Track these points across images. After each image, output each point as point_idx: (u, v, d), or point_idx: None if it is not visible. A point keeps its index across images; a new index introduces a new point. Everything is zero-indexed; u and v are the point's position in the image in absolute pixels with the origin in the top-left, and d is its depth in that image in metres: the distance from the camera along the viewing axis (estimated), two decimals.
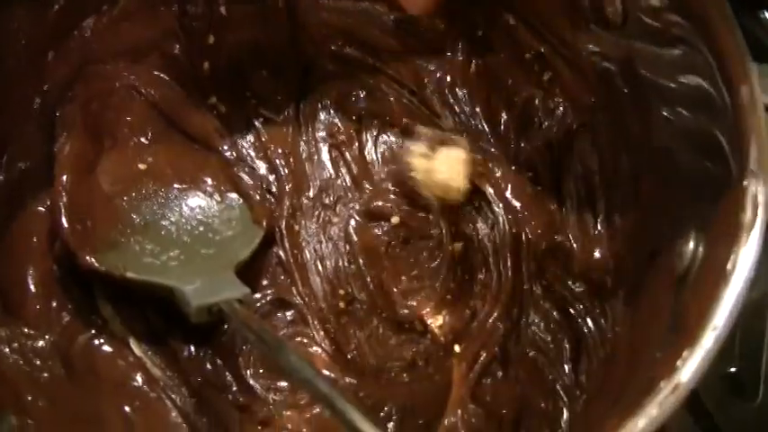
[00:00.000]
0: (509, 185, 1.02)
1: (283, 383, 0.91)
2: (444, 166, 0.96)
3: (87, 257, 0.85)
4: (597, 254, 0.93)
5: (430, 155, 0.96)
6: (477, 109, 1.05)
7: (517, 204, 1.01)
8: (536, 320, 0.94)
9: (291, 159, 1.03)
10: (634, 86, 0.86)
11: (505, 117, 1.04)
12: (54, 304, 0.88)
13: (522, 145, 1.02)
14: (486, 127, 1.04)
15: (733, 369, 0.92)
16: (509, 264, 0.99)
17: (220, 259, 0.91)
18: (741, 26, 0.71)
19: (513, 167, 1.02)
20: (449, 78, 1.06)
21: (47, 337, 0.86)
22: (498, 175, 1.03)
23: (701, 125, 0.74)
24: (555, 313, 0.93)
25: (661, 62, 0.80)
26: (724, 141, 0.70)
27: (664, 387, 0.60)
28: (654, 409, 0.59)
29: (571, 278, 0.94)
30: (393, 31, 1.05)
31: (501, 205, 1.01)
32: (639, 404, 0.60)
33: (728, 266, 0.63)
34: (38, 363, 0.84)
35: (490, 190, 1.01)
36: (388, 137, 1.07)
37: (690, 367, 0.60)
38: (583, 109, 0.95)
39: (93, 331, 0.89)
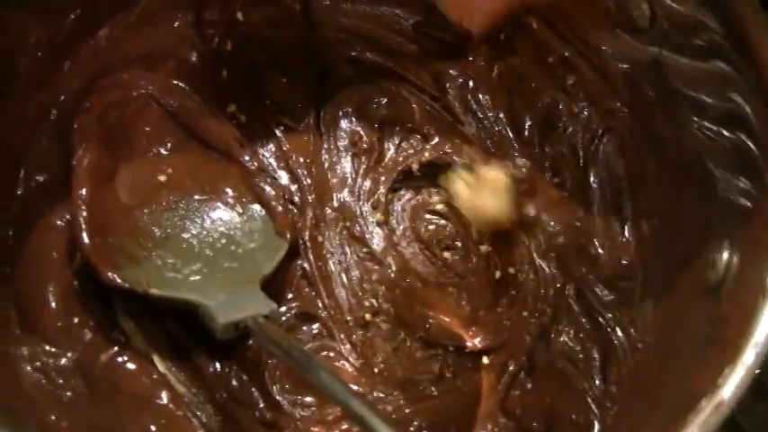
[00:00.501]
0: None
1: (310, 399, 0.90)
2: (489, 200, 0.95)
3: (109, 273, 0.84)
4: (624, 261, 0.89)
5: (472, 182, 0.94)
6: (501, 114, 1.03)
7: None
8: (566, 330, 0.92)
9: (313, 168, 1.02)
10: (661, 91, 0.85)
11: (529, 122, 1.02)
12: (75, 321, 0.87)
13: (547, 150, 0.98)
14: (509, 132, 1.00)
15: (757, 371, 0.90)
16: (538, 273, 0.95)
17: (244, 273, 0.89)
18: None
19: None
20: (471, 83, 1.05)
21: (69, 354, 0.85)
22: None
23: (733, 136, 0.73)
24: (584, 321, 0.92)
25: (691, 71, 0.79)
26: (755, 149, 0.68)
27: (706, 405, 0.60)
28: (696, 429, 0.57)
29: (600, 285, 0.91)
30: (412, 35, 1.03)
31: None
32: (681, 422, 0.59)
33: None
34: (60, 381, 0.83)
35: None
36: (411, 144, 1.03)
37: (732, 384, 0.60)
38: (608, 113, 0.94)
39: (116, 348, 0.87)
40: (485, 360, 0.93)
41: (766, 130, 0.69)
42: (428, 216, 1.03)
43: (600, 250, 0.95)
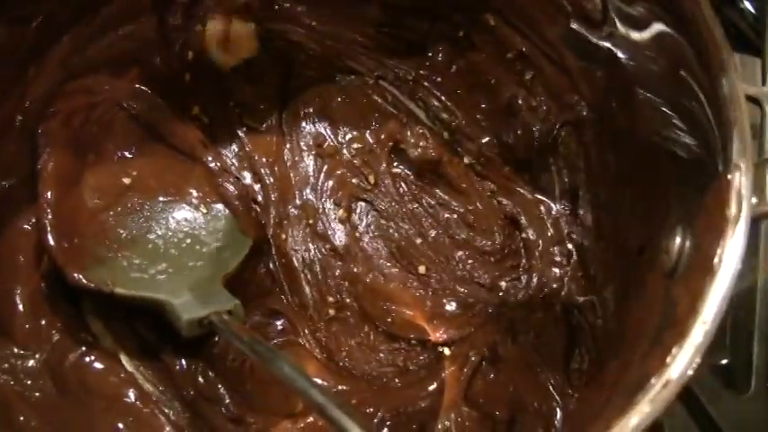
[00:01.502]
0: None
1: (276, 391, 0.89)
2: None
3: (75, 275, 0.84)
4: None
5: None
6: (457, 109, 1.03)
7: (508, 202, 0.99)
8: (532, 324, 0.92)
9: (276, 168, 1.03)
10: (617, 82, 0.85)
11: (487, 117, 1.01)
12: (43, 322, 0.88)
13: (505, 142, 1.00)
14: (466, 127, 1.02)
15: (725, 361, 0.92)
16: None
17: (209, 271, 0.90)
18: (721, 17, 0.70)
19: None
20: (430, 79, 1.03)
21: (37, 355, 0.86)
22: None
23: (684, 119, 0.74)
24: (555, 315, 0.92)
25: (642, 56, 0.80)
26: (708, 134, 0.69)
27: (655, 383, 0.61)
28: (646, 406, 0.59)
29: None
30: (373, 33, 1.03)
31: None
32: (631, 401, 0.59)
33: (715, 260, 0.63)
34: (29, 382, 0.84)
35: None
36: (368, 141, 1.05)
37: (680, 363, 0.61)
38: (567, 107, 0.94)
39: (84, 348, 0.88)
40: (446, 352, 0.93)
41: (711, 105, 0.69)
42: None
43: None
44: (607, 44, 0.86)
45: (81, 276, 0.84)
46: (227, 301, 0.86)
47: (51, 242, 0.84)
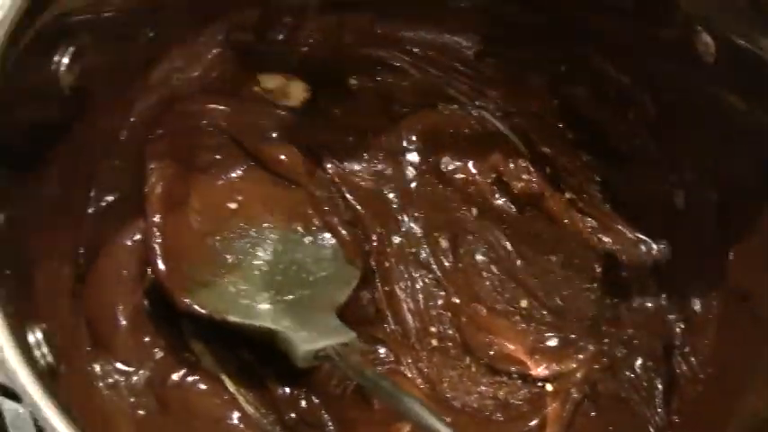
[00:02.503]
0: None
1: (377, 420, 0.88)
2: None
3: (186, 300, 0.85)
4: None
5: None
6: (558, 143, 1.03)
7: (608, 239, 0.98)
8: (636, 361, 0.91)
9: (379, 197, 1.02)
10: (724, 126, 0.84)
11: (586, 152, 1.01)
12: (146, 339, 0.88)
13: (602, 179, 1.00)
14: (567, 162, 1.02)
15: None
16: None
17: (317, 300, 0.90)
18: None
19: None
20: (530, 111, 1.05)
21: (141, 372, 0.86)
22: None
23: None
24: (657, 351, 0.90)
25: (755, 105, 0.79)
26: None
27: None
28: None
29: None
30: (475, 63, 1.02)
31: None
32: None
33: None
34: (132, 399, 0.84)
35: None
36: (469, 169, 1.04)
37: None
38: (668, 146, 0.95)
39: (187, 368, 0.88)
40: (548, 387, 0.92)
41: None
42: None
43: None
44: (716, 86, 0.84)
45: (192, 302, 0.83)
46: (343, 334, 0.86)
47: (161, 266, 0.85)
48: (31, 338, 0.67)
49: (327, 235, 0.95)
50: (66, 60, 0.75)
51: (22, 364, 0.59)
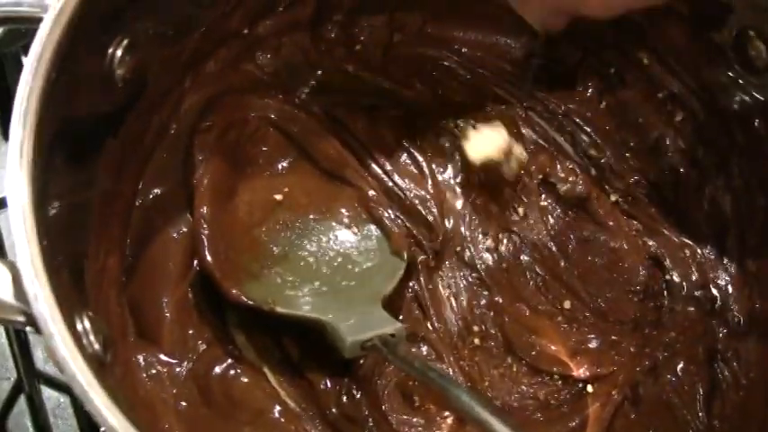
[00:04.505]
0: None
1: (417, 419, 0.90)
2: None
3: (234, 291, 0.85)
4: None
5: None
6: (605, 146, 1.02)
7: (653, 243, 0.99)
8: (679, 364, 0.91)
9: (424, 194, 1.03)
10: None
11: (635, 155, 1.02)
12: (191, 332, 0.89)
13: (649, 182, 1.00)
14: (614, 164, 1.01)
15: None
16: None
17: (363, 292, 0.90)
18: None
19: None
20: (579, 114, 1.03)
21: (184, 364, 0.87)
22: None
23: None
24: (701, 355, 0.90)
25: None
26: None
27: None
28: None
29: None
30: (523, 64, 1.02)
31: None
32: None
33: None
34: (175, 391, 0.84)
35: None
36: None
37: None
38: (717, 150, 0.93)
39: (230, 360, 0.88)
40: (589, 389, 0.92)
41: None
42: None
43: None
44: (766, 90, 0.83)
45: (240, 293, 0.84)
46: (390, 324, 0.86)
47: (209, 257, 0.85)
48: (79, 327, 0.66)
49: (373, 227, 0.97)
50: (119, 53, 0.75)
51: (73, 351, 0.58)
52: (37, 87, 0.62)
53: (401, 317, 0.96)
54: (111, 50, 0.75)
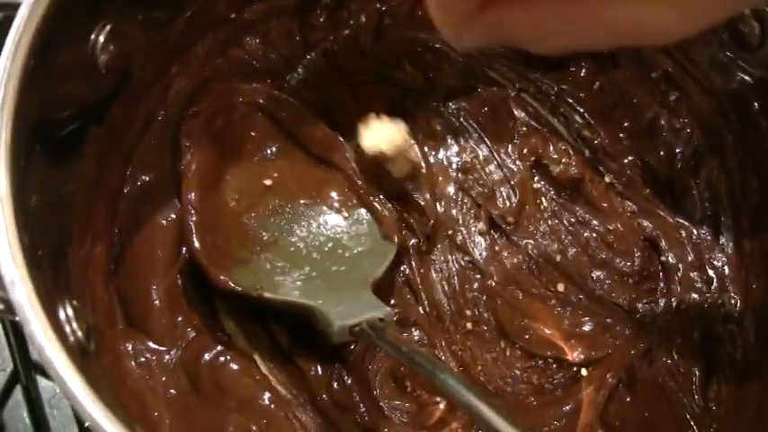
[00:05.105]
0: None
1: (409, 404, 0.89)
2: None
3: (222, 277, 0.84)
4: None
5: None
6: (599, 127, 1.01)
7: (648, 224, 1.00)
8: (673, 347, 0.90)
9: (416, 177, 1.00)
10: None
11: (629, 136, 1.00)
12: (179, 319, 0.88)
13: (643, 163, 0.99)
14: (608, 145, 1.00)
15: None
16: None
17: (353, 277, 0.89)
18: None
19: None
20: (573, 95, 1.02)
21: (173, 352, 0.86)
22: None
23: None
24: (697, 338, 0.90)
25: None
26: None
27: None
28: None
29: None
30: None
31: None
32: None
33: None
34: (164, 378, 0.84)
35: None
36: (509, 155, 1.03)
37: None
38: (711, 130, 0.92)
39: (220, 347, 0.88)
40: (583, 372, 0.91)
41: None
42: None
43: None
44: (761, 69, 0.82)
45: (228, 279, 0.83)
46: (378, 308, 0.85)
47: (197, 244, 0.84)
48: (62, 315, 0.66)
49: (363, 211, 0.96)
50: (102, 39, 0.74)
51: (51, 339, 0.58)
52: (15, 75, 0.61)
53: (393, 301, 0.93)
54: (93, 37, 0.74)
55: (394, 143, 0.90)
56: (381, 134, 0.90)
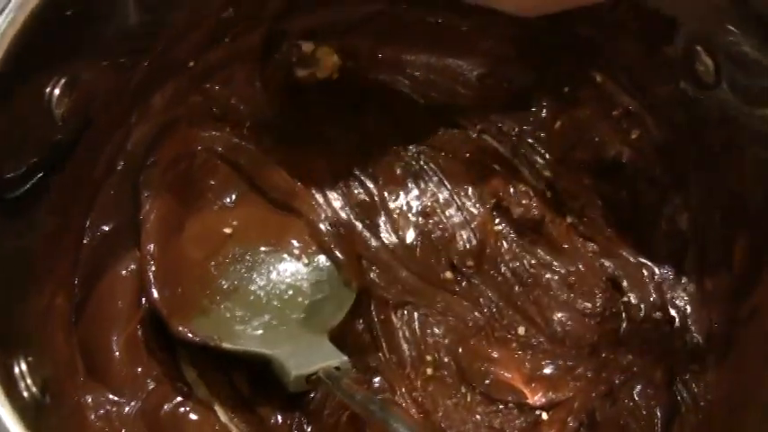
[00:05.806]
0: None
1: None
2: None
3: (181, 328, 0.85)
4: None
5: None
6: (561, 167, 1.01)
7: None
8: (635, 388, 0.90)
9: (376, 222, 1.01)
10: (728, 142, 0.83)
11: (591, 175, 1.00)
12: (139, 370, 0.87)
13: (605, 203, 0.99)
14: (569, 185, 1.00)
15: None
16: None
17: (312, 324, 0.90)
18: None
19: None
20: (534, 135, 1.03)
21: (132, 403, 0.85)
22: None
23: None
24: (659, 379, 0.90)
25: (756, 119, 0.78)
26: None
27: None
28: None
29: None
30: (476, 85, 1.02)
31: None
32: None
33: None
34: (124, 431, 0.83)
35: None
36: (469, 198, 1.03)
37: None
38: (674, 167, 0.92)
39: (180, 398, 0.87)
40: (544, 416, 0.92)
41: None
42: None
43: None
44: (719, 107, 0.83)
45: (187, 330, 0.84)
46: (334, 357, 0.85)
47: (156, 295, 0.85)
48: (16, 370, 0.66)
49: (323, 257, 0.95)
50: (57, 92, 0.74)
51: (1, 397, 0.58)
52: None
53: (353, 348, 0.93)
54: (48, 90, 0.73)
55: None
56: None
